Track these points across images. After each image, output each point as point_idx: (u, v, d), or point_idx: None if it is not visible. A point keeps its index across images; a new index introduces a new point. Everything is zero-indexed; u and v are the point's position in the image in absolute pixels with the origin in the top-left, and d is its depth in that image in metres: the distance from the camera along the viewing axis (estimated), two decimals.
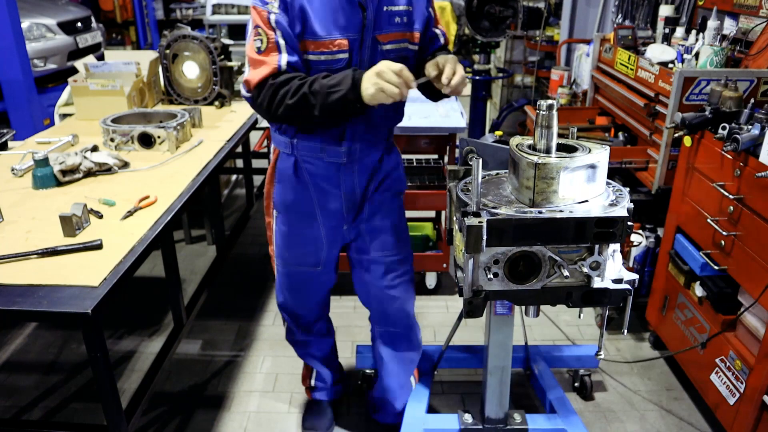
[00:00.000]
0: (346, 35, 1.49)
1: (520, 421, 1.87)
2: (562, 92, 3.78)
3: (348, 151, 1.62)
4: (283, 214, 1.76)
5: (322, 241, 1.76)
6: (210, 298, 2.82)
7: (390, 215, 1.77)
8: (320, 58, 1.50)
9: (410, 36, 1.59)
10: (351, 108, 1.44)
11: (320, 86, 1.43)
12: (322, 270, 1.82)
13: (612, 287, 1.37)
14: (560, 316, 2.76)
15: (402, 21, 1.56)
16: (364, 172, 1.68)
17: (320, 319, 2.01)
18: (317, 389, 2.16)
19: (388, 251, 1.79)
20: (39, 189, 1.89)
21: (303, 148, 1.63)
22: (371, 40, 1.52)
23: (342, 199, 1.69)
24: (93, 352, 1.38)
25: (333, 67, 1.50)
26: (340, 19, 1.47)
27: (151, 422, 2.15)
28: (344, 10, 1.47)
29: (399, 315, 1.88)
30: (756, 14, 2.35)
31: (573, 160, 1.28)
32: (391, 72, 1.38)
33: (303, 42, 1.48)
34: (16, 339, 2.58)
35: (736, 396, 1.87)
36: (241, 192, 4.09)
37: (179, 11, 8.15)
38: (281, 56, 1.46)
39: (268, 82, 1.47)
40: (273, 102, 1.47)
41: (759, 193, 1.76)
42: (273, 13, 1.44)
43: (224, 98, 2.84)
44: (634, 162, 2.53)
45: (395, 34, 1.55)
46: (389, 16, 1.53)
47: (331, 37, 1.48)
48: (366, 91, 1.40)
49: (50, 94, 4.32)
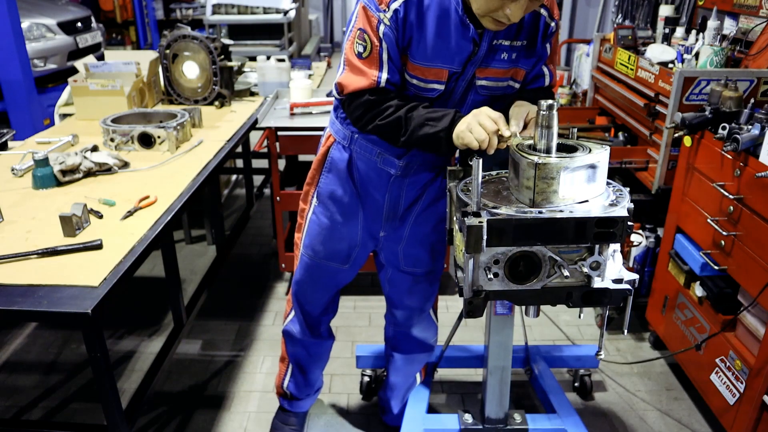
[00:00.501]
0: (448, 67, 1.41)
1: (520, 421, 1.87)
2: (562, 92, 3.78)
3: (405, 166, 1.58)
4: (324, 205, 1.70)
5: (357, 241, 1.73)
6: (210, 298, 2.83)
7: (429, 238, 1.73)
8: (412, 81, 1.43)
9: (514, 72, 1.48)
10: (437, 146, 1.39)
11: (418, 116, 1.38)
12: (348, 268, 1.79)
13: (612, 287, 1.36)
14: (560, 316, 2.76)
15: (510, 57, 1.44)
16: (414, 189, 1.64)
17: (325, 319, 1.95)
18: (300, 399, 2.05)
19: (418, 268, 1.78)
20: (39, 189, 1.89)
21: (361, 147, 1.58)
22: (471, 74, 1.44)
23: (384, 208, 1.66)
24: (93, 352, 1.38)
25: (422, 94, 1.44)
26: (448, 51, 1.39)
27: (151, 422, 2.15)
28: (456, 43, 1.38)
29: (416, 312, 1.88)
30: (756, 14, 2.35)
31: (573, 160, 1.28)
32: (486, 116, 1.31)
33: (403, 57, 1.41)
34: (16, 339, 2.58)
35: (736, 396, 1.87)
36: (241, 192, 4.09)
37: (179, 11, 8.14)
38: (382, 73, 1.39)
39: (365, 96, 1.42)
40: (364, 116, 1.43)
41: (759, 193, 1.76)
42: (384, 23, 1.35)
43: (224, 98, 2.84)
44: (634, 162, 2.53)
45: (496, 71, 1.45)
46: (497, 51, 1.42)
47: (432, 65, 1.40)
48: (458, 128, 1.34)
49: (50, 94, 4.32)
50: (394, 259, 1.78)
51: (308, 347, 1.96)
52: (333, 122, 1.64)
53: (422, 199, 1.67)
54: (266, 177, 3.87)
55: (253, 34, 6.86)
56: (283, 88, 3.07)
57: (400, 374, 2.02)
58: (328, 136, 1.67)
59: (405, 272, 1.79)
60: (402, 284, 1.83)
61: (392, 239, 1.73)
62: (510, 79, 1.49)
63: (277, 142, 2.65)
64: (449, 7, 1.36)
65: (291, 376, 2.01)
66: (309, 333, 1.93)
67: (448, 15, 1.37)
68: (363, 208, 1.67)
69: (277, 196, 2.71)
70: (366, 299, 2.91)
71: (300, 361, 1.98)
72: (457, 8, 1.36)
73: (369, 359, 2.24)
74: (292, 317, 1.94)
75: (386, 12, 1.35)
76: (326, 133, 1.68)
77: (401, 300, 1.87)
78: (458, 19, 1.37)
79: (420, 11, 1.36)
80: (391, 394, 2.06)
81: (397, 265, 1.79)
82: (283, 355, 2.02)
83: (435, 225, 1.73)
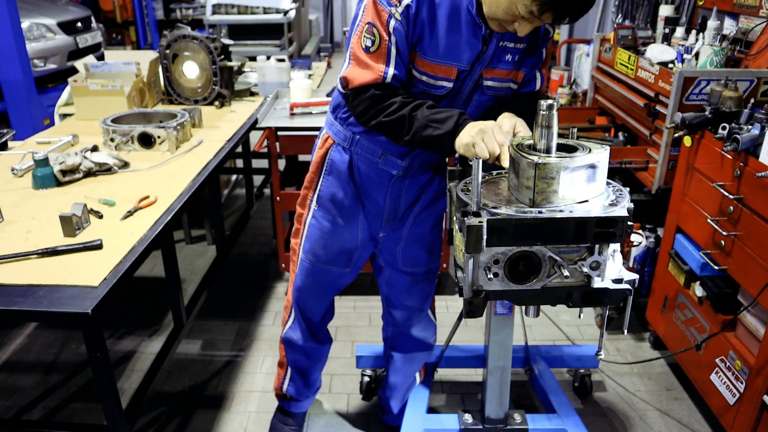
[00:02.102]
0: (458, 65, 1.41)
1: (520, 421, 1.87)
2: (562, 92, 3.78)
3: (407, 166, 1.57)
4: (325, 209, 1.68)
5: (358, 244, 1.72)
6: (210, 298, 2.83)
7: (427, 238, 1.74)
8: (422, 78, 1.42)
9: (515, 75, 1.48)
10: (440, 148, 1.38)
11: (422, 116, 1.37)
12: (349, 272, 1.79)
13: (612, 287, 1.36)
14: (560, 316, 2.76)
15: (513, 59, 1.45)
16: (413, 189, 1.64)
17: (324, 323, 1.94)
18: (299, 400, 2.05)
19: (417, 267, 1.79)
20: (39, 189, 1.89)
21: (362, 148, 1.57)
22: (478, 74, 1.44)
23: (385, 209, 1.65)
24: (93, 352, 1.38)
25: (431, 91, 1.43)
26: (459, 49, 1.38)
27: (151, 422, 2.15)
28: (467, 41, 1.38)
29: (414, 312, 1.88)
30: (756, 14, 2.35)
31: (573, 160, 1.28)
32: (492, 135, 1.29)
33: (411, 53, 1.40)
34: (16, 339, 2.58)
35: (736, 396, 1.87)
36: (241, 192, 4.09)
37: (179, 11, 8.14)
38: (389, 68, 1.38)
39: (371, 91, 1.40)
40: (368, 111, 1.42)
41: (759, 193, 1.76)
42: (395, 18, 1.34)
43: (224, 98, 2.84)
44: (634, 162, 2.53)
45: (501, 72, 1.46)
46: (501, 52, 1.43)
47: (442, 62, 1.40)
48: (461, 139, 1.32)
49: (50, 94, 4.32)
50: (393, 260, 1.78)
51: (309, 353, 1.94)
52: (332, 124, 1.62)
53: (421, 200, 1.67)
54: (266, 177, 3.87)
55: (253, 34, 6.86)
56: (283, 88, 3.07)
57: (399, 374, 2.02)
58: (325, 138, 1.64)
59: (404, 272, 1.79)
60: (401, 285, 1.83)
61: (391, 240, 1.73)
62: (511, 81, 1.49)
63: (277, 142, 2.65)
64: (460, 5, 1.37)
65: (290, 380, 2.00)
66: (311, 339, 1.91)
67: (459, 13, 1.37)
68: (364, 209, 1.66)
69: (277, 196, 2.71)
70: (366, 299, 2.91)
71: (300, 366, 1.97)
72: (470, 7, 1.37)
73: (369, 359, 2.24)
74: (292, 324, 1.91)
75: (398, 7, 1.34)
76: (323, 136, 1.66)
77: (400, 301, 1.87)
78: (470, 17, 1.37)
79: (432, 7, 1.36)
80: (391, 393, 2.06)
81: (395, 265, 1.79)
82: (281, 361, 2.00)
83: (433, 225, 1.74)
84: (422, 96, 1.44)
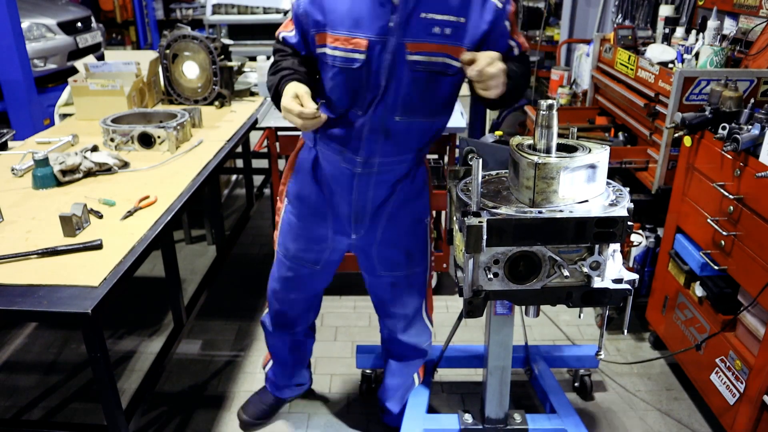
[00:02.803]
0: (367, 35, 1.41)
1: (520, 421, 1.87)
2: (562, 92, 3.78)
3: (365, 162, 1.55)
4: (294, 205, 1.73)
5: (328, 243, 1.74)
6: (210, 298, 2.82)
7: (404, 239, 1.72)
8: (335, 54, 1.45)
9: (453, 50, 1.43)
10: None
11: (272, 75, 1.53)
12: (320, 270, 1.81)
13: (612, 287, 1.37)
14: (560, 316, 2.76)
15: (443, 32, 1.41)
16: (383, 187, 1.62)
17: (302, 321, 1.95)
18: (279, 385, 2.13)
19: (396, 271, 1.77)
20: (39, 189, 1.89)
21: (324, 146, 1.60)
22: (396, 46, 1.41)
23: (351, 207, 1.64)
24: (93, 352, 1.38)
25: (349, 65, 1.44)
26: (362, 17, 1.40)
27: (151, 422, 2.15)
28: (370, 9, 1.40)
29: (403, 319, 1.88)
30: (756, 14, 2.35)
31: (573, 160, 1.28)
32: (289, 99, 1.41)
33: (323, 34, 1.45)
34: (16, 339, 2.58)
35: (736, 396, 1.87)
36: (241, 192, 4.09)
37: (179, 11, 8.14)
38: (287, 30, 1.56)
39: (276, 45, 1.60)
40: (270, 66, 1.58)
41: (759, 193, 1.76)
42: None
43: (224, 98, 2.84)
44: (634, 162, 2.53)
45: (431, 45, 1.42)
46: (426, 24, 1.40)
47: (350, 34, 1.42)
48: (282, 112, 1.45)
49: (50, 94, 4.32)
50: (370, 265, 1.77)
51: (282, 342, 2.01)
52: None
53: (393, 199, 1.65)
54: (266, 177, 3.87)
55: (253, 34, 6.86)
56: None
57: (395, 377, 2.02)
58: (300, 138, 1.72)
59: (382, 276, 1.79)
60: (382, 291, 1.83)
61: (366, 241, 1.72)
62: (445, 56, 1.44)
63: (277, 142, 2.65)
64: None
65: (272, 362, 2.11)
66: (280, 330, 1.97)
67: None
68: (330, 207, 1.68)
69: (276, 196, 2.71)
70: (366, 299, 2.91)
71: (275, 352, 2.06)
72: None
73: (369, 359, 2.25)
74: (268, 310, 2.00)
75: None
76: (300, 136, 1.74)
77: (385, 309, 1.88)
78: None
79: None
80: (389, 395, 2.06)
81: (373, 270, 1.78)
82: None
83: (410, 226, 1.72)
84: (340, 73, 1.48)
